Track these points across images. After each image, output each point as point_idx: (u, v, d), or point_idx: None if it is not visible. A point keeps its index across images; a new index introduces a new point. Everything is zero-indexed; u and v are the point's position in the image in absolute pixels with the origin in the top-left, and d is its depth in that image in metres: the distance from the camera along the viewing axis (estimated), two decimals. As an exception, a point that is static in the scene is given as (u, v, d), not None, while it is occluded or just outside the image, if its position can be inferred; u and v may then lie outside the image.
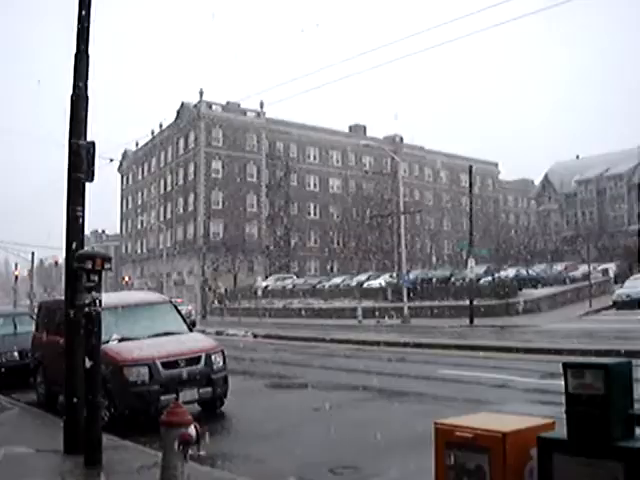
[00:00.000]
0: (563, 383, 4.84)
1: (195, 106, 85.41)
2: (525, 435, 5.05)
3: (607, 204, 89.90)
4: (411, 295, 44.41)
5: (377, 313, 45.80)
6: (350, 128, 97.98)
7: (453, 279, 51.21)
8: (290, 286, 67.26)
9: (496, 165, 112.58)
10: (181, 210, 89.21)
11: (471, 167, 43.89)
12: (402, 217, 48.76)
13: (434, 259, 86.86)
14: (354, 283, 61.36)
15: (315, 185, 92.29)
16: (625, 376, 4.77)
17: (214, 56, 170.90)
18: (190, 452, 7.12)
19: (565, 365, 4.88)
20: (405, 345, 26.64)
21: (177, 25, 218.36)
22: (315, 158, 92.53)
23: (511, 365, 19.02)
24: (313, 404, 13.77)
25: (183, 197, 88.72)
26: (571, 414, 4.78)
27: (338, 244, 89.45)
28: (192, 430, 6.99)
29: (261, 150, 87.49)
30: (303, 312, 53.44)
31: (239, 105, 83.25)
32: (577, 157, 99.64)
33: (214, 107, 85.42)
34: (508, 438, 4.97)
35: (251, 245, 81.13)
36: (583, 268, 52.00)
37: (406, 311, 41.50)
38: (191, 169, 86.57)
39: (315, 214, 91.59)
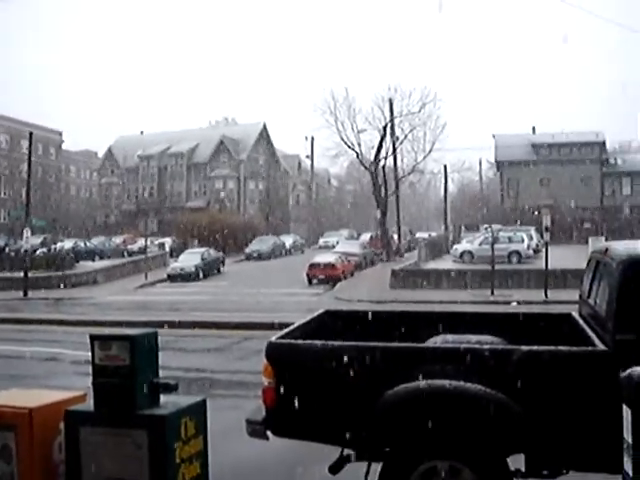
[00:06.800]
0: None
1: None
2: (54, 409, 5.03)
3: (168, 180, 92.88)
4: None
5: None
6: None
7: (8, 249, 49.37)
8: None
9: (60, 134, 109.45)
10: None
11: (31, 133, 42.32)
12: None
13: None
14: None
15: None
16: (151, 346, 4.98)
17: None
18: None
19: (92, 337, 4.93)
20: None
21: None
22: None
23: (63, 338, 18.91)
24: None
25: None
26: (98, 386, 4.87)
27: None
28: None
29: None
30: None
31: None
32: (141, 133, 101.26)
33: None
34: (35, 414, 4.91)
35: None
36: (141, 241, 53.36)
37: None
38: None
39: None
